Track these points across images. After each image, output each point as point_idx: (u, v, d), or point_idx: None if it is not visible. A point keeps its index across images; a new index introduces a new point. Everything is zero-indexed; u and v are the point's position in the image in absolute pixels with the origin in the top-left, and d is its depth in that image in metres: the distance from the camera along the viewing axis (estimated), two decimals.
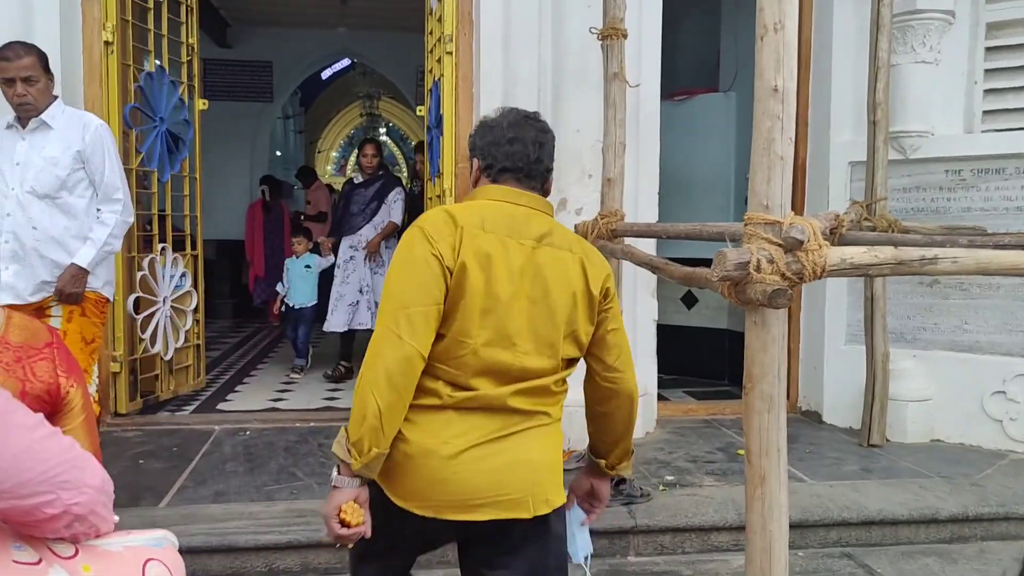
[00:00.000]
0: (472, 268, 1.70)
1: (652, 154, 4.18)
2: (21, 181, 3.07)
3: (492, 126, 1.90)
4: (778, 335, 2.02)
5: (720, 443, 4.16)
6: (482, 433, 1.73)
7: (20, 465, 0.76)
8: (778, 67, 1.95)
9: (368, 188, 5.88)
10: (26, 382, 1.15)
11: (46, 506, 0.80)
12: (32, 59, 3.02)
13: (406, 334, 1.65)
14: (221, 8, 8.90)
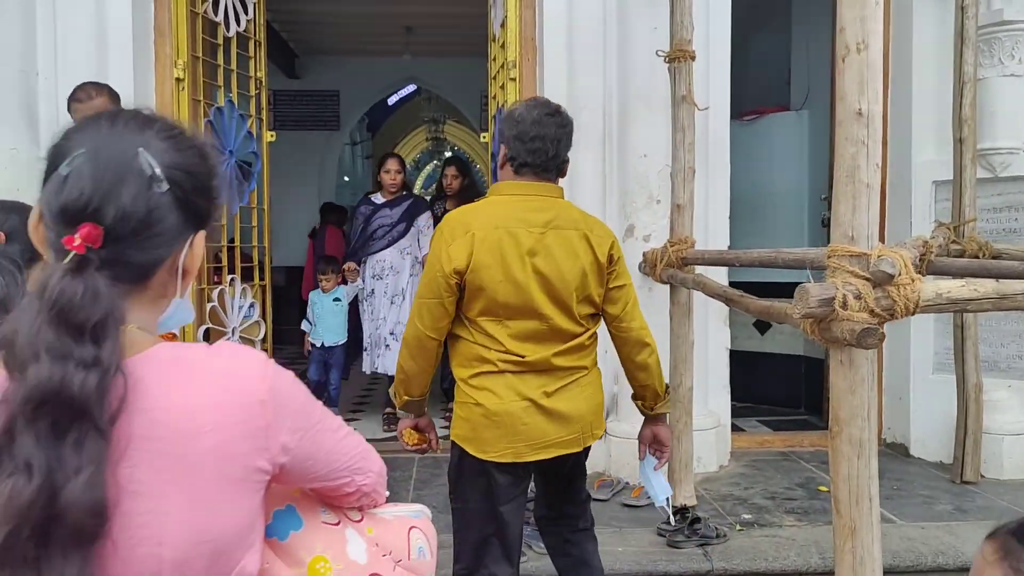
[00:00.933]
0: (488, 263, 2.07)
1: (722, 178, 4.05)
2: None
3: (518, 120, 2.19)
4: (867, 375, 1.88)
5: (799, 478, 3.96)
6: (537, 389, 2.15)
7: (329, 459, 1.01)
8: (862, 89, 1.83)
9: (393, 208, 5.25)
10: None
11: (345, 487, 1.06)
12: (103, 99, 3.03)
13: (417, 319, 2.14)
14: (290, 41, 9.08)
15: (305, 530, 1.06)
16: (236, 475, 0.88)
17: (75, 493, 0.76)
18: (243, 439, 0.88)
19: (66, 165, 0.85)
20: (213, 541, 0.86)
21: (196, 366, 0.89)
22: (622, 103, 3.89)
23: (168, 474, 0.83)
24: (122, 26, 3.85)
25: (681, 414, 3.48)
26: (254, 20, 4.80)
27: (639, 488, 3.70)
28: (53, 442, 0.77)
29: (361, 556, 1.10)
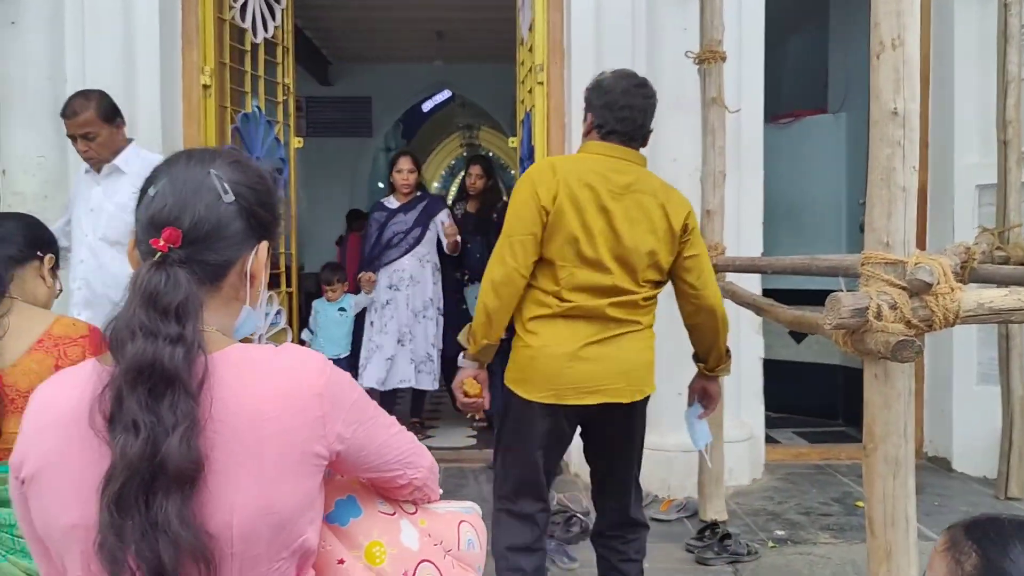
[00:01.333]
0: (567, 208, 2.17)
1: (755, 182, 3.94)
2: (94, 228, 3.03)
3: (608, 90, 2.30)
4: (903, 390, 1.78)
5: (836, 493, 3.83)
6: (587, 335, 2.22)
7: (381, 452, 1.12)
8: (898, 87, 1.73)
9: (407, 213, 4.83)
10: (59, 360, 1.59)
11: (398, 479, 1.18)
12: (89, 114, 2.93)
13: (508, 257, 2.18)
14: (323, 48, 9.12)
15: (363, 518, 1.18)
16: (295, 458, 1.00)
17: (173, 445, 0.92)
18: (301, 427, 1.00)
19: (152, 188, 1.06)
20: (276, 515, 0.98)
21: (263, 363, 1.03)
22: None
23: (237, 454, 0.97)
24: (149, 33, 3.85)
25: (711, 426, 3.37)
26: (282, 26, 4.80)
27: (668, 501, 3.61)
28: (152, 405, 0.93)
29: (414, 543, 1.21)
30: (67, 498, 0.96)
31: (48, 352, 1.62)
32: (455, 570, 1.24)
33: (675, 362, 3.71)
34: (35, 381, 1.50)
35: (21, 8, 3.59)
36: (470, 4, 7.40)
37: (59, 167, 3.72)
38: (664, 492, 3.73)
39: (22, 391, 1.56)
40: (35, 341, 1.63)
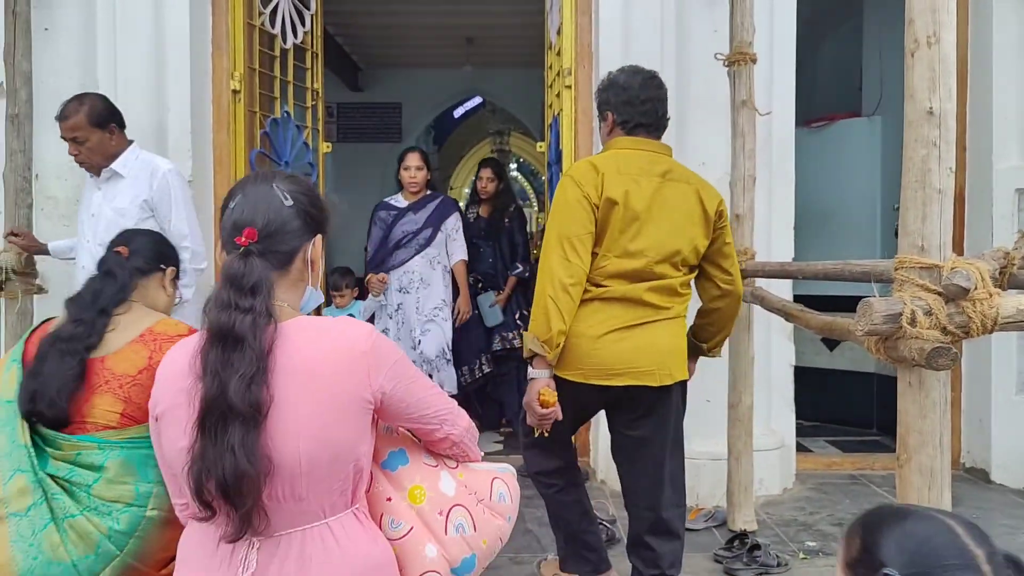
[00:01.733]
0: (613, 202, 2.29)
1: (786, 186, 3.87)
2: (94, 233, 2.99)
3: (626, 87, 2.45)
4: (939, 399, 1.72)
5: (870, 503, 3.71)
6: (621, 320, 2.32)
7: (420, 406, 1.41)
8: (933, 86, 1.68)
9: (417, 212, 4.58)
10: (153, 353, 1.81)
11: (435, 431, 1.46)
12: (79, 118, 2.92)
13: (572, 256, 2.27)
14: (353, 54, 9.18)
15: (410, 466, 1.48)
16: (346, 401, 1.31)
17: (237, 389, 1.23)
18: (351, 378, 1.32)
19: (232, 201, 1.42)
20: (333, 446, 1.29)
21: (323, 329, 1.36)
22: (679, 109, 3.75)
23: (302, 397, 1.28)
24: (180, 39, 3.88)
25: (740, 433, 3.32)
26: (311, 32, 4.82)
27: (696, 510, 3.55)
28: (225, 358, 1.25)
29: (450, 490, 1.49)
30: (181, 428, 1.29)
31: (146, 345, 1.85)
32: (485, 515, 1.51)
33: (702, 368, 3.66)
34: (129, 368, 1.80)
35: (55, 15, 3.64)
36: (500, 10, 7.41)
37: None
38: (692, 501, 3.66)
39: (116, 375, 1.80)
40: (137, 335, 1.86)
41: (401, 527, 1.42)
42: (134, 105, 3.80)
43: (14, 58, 3.34)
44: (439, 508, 1.45)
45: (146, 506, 1.73)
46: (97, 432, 1.75)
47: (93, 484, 1.72)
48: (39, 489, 1.70)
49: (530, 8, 6.26)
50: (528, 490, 2.27)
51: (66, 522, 1.70)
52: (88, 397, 1.78)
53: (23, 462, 1.72)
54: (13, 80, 3.32)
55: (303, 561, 1.28)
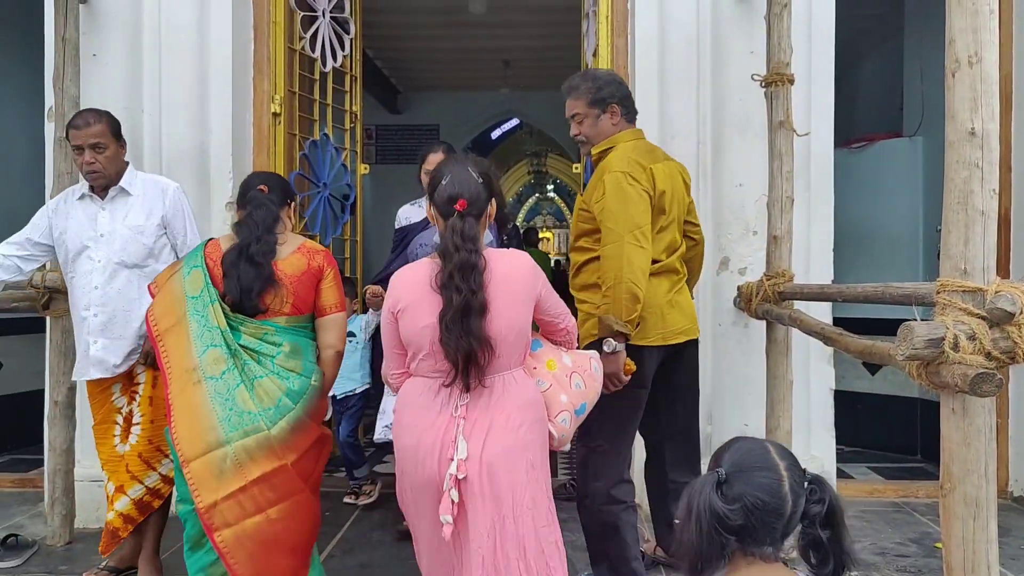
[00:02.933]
0: (659, 189, 2.70)
1: (825, 208, 3.81)
2: (108, 253, 2.95)
3: (620, 83, 2.91)
4: (984, 426, 1.67)
5: (913, 533, 3.64)
6: (669, 287, 2.80)
7: (554, 304, 2.22)
8: (975, 106, 1.65)
9: None
10: (309, 261, 2.62)
11: (557, 323, 2.26)
12: (102, 126, 2.94)
13: (644, 243, 2.61)
14: (392, 77, 9.30)
15: (544, 348, 2.28)
16: (524, 297, 2.11)
17: (472, 297, 1.99)
18: (526, 283, 2.12)
19: (444, 180, 2.12)
20: (518, 326, 2.08)
21: (506, 256, 2.14)
22: (716, 130, 3.74)
23: (500, 295, 2.05)
24: (223, 64, 3.96)
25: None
26: (350, 55, 4.91)
27: None
28: (464, 279, 1.99)
29: (569, 363, 2.28)
30: (422, 316, 2.06)
31: (303, 255, 2.62)
32: (587, 377, 2.28)
33: (738, 395, 3.62)
34: (295, 271, 2.56)
35: (103, 42, 3.74)
36: (537, 33, 7.46)
37: None
38: None
39: (288, 274, 2.56)
40: (296, 248, 2.63)
41: (543, 384, 2.19)
42: (177, 127, 3.89)
43: (63, 83, 3.43)
44: (565, 373, 2.25)
45: (311, 377, 2.49)
46: (274, 318, 2.52)
47: (276, 356, 2.45)
48: (231, 359, 2.38)
49: (567, 31, 6.29)
50: (562, 512, 2.26)
51: (255, 382, 2.38)
52: (268, 291, 2.52)
53: (216, 339, 2.39)
54: (62, 104, 3.41)
55: (495, 395, 2.06)
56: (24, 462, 4.81)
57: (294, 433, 2.39)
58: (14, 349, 5.24)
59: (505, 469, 1.99)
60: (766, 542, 1.42)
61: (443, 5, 6.79)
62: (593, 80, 2.87)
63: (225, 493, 2.27)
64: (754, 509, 1.40)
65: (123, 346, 2.97)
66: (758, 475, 1.42)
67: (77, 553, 3.36)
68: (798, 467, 1.47)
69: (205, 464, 2.29)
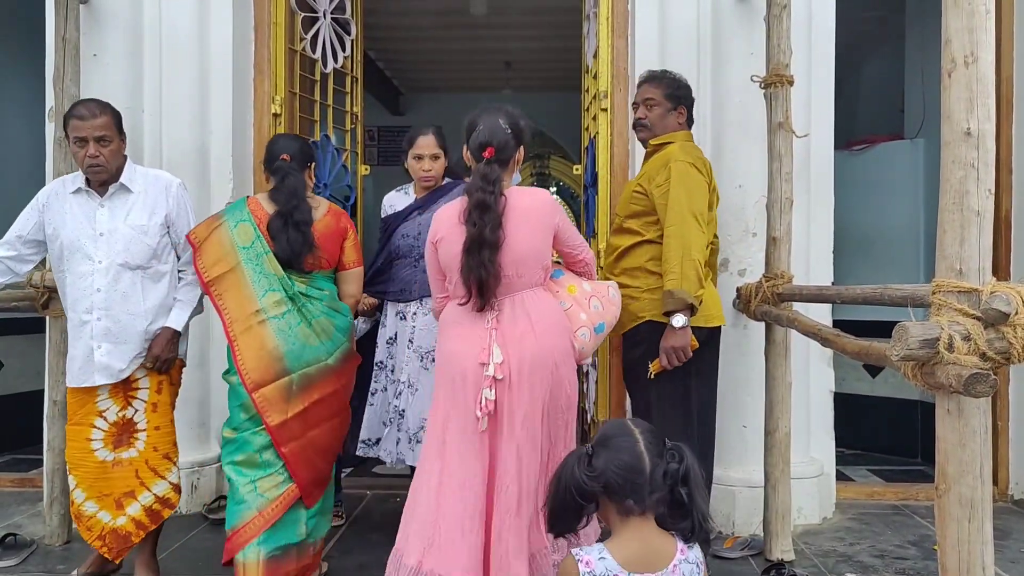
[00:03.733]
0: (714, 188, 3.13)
1: (825, 210, 3.81)
2: (109, 253, 2.83)
3: (691, 88, 3.28)
4: (979, 427, 1.67)
5: (913, 535, 3.63)
6: (707, 274, 3.04)
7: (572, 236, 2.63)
8: (971, 106, 1.65)
9: (424, 212, 3.40)
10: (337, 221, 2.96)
11: (576, 254, 2.67)
12: (107, 118, 2.82)
13: (704, 229, 2.95)
14: (394, 78, 9.31)
15: (565, 276, 2.66)
16: (543, 227, 2.49)
17: (488, 230, 2.37)
18: (544, 214, 2.50)
19: (477, 128, 2.48)
20: (536, 251, 2.47)
21: (526, 192, 2.54)
22: (716, 131, 3.73)
23: (521, 227, 2.44)
24: (223, 65, 3.97)
25: (777, 460, 3.25)
26: (351, 57, 4.91)
27: (732, 538, 3.48)
28: (480, 215, 2.38)
29: (588, 288, 2.64)
30: (454, 245, 2.44)
31: (332, 217, 2.96)
32: (605, 301, 2.64)
33: (737, 397, 3.61)
34: (325, 231, 2.89)
35: (103, 42, 3.74)
36: (538, 34, 7.46)
37: None
38: (728, 528, 3.61)
39: (320, 233, 2.87)
40: (326, 211, 2.96)
41: (565, 304, 2.57)
42: (177, 128, 3.90)
43: (63, 83, 3.43)
44: (584, 297, 2.61)
45: (348, 316, 2.94)
46: (316, 270, 2.87)
47: (323, 300, 2.84)
48: (290, 301, 2.75)
49: (568, 32, 6.30)
50: None
51: (313, 321, 2.78)
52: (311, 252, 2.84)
53: (275, 284, 2.75)
54: (62, 104, 3.41)
55: (522, 309, 2.45)
56: (24, 462, 4.82)
57: (345, 361, 2.86)
58: (14, 349, 5.25)
59: (533, 369, 2.39)
60: (631, 497, 1.69)
61: (444, 6, 6.79)
62: (674, 79, 3.20)
63: (293, 413, 2.69)
64: (618, 469, 1.69)
65: (129, 351, 2.86)
66: (618, 440, 1.74)
67: (75, 553, 3.35)
68: (657, 435, 1.77)
69: (275, 389, 2.67)
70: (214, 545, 3.43)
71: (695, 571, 1.71)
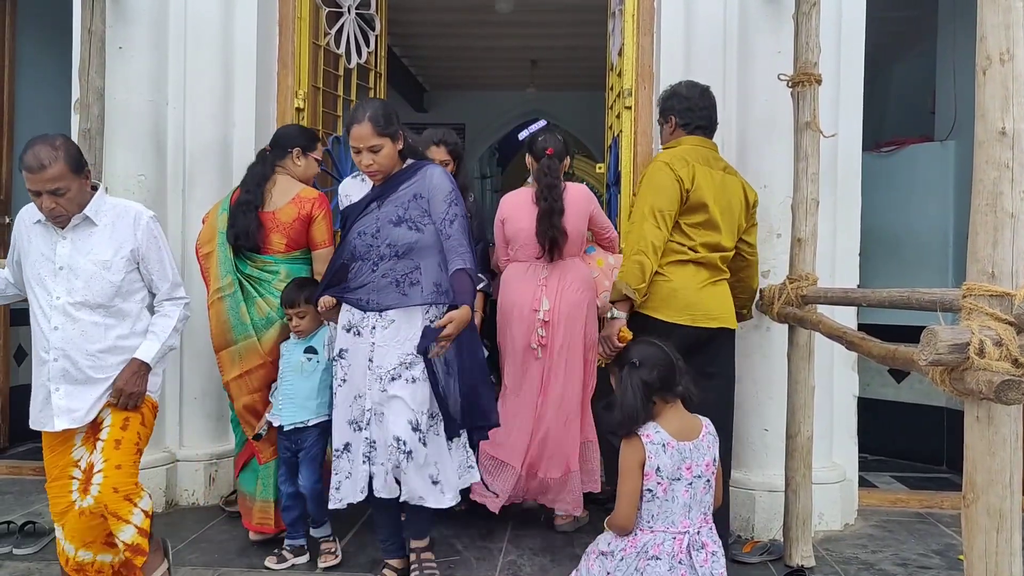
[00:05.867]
0: (701, 186, 3.06)
1: (852, 211, 3.74)
2: (69, 290, 2.55)
3: (687, 97, 3.24)
4: (1009, 435, 1.62)
5: (937, 544, 3.57)
6: (706, 278, 3.12)
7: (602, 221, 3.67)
8: (1006, 105, 1.60)
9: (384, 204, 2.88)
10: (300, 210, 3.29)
11: (605, 234, 3.72)
12: (59, 167, 2.45)
13: (661, 225, 3.01)
14: (419, 75, 9.31)
15: (596, 252, 3.70)
16: (581, 211, 3.54)
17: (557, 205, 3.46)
18: (583, 202, 3.57)
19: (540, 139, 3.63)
20: (577, 230, 3.52)
21: (572, 186, 3.58)
22: (741, 130, 3.68)
23: (571, 209, 3.50)
24: (247, 58, 3.98)
25: (799, 465, 3.20)
26: (376, 52, 4.90)
27: (752, 543, 3.43)
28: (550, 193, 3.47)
29: (612, 262, 3.59)
30: (519, 222, 3.52)
31: (295, 205, 3.29)
32: None
33: (759, 400, 3.56)
34: (286, 219, 3.28)
35: (129, 34, 3.75)
36: (563, 32, 7.42)
37: (157, 185, 3.85)
38: (747, 533, 3.56)
39: (282, 221, 3.28)
40: (290, 199, 3.30)
41: (595, 273, 3.55)
42: (201, 121, 3.92)
43: (88, 75, 3.44)
44: (608, 268, 3.55)
45: None
46: (274, 254, 3.28)
47: (272, 281, 3.26)
48: (236, 282, 3.24)
49: (593, 31, 6.25)
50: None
51: (254, 300, 3.26)
52: (267, 235, 3.27)
53: (229, 268, 3.25)
54: (87, 95, 3.43)
55: (563, 271, 3.47)
56: None
57: (273, 344, 3.25)
58: None
59: (570, 315, 3.45)
60: (672, 389, 2.30)
61: (470, 3, 6.77)
62: (662, 96, 3.35)
63: (234, 375, 3.27)
64: (662, 370, 2.28)
65: (89, 393, 2.58)
66: (655, 352, 2.32)
67: None
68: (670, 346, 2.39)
69: (227, 354, 3.27)
70: (231, 537, 3.44)
71: (714, 441, 2.34)
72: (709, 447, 2.30)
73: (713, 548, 2.26)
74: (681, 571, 2.19)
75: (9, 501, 3.95)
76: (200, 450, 3.96)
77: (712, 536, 2.28)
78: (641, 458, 2.21)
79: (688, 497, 2.23)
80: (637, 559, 2.21)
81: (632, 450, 2.22)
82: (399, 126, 2.84)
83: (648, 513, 2.23)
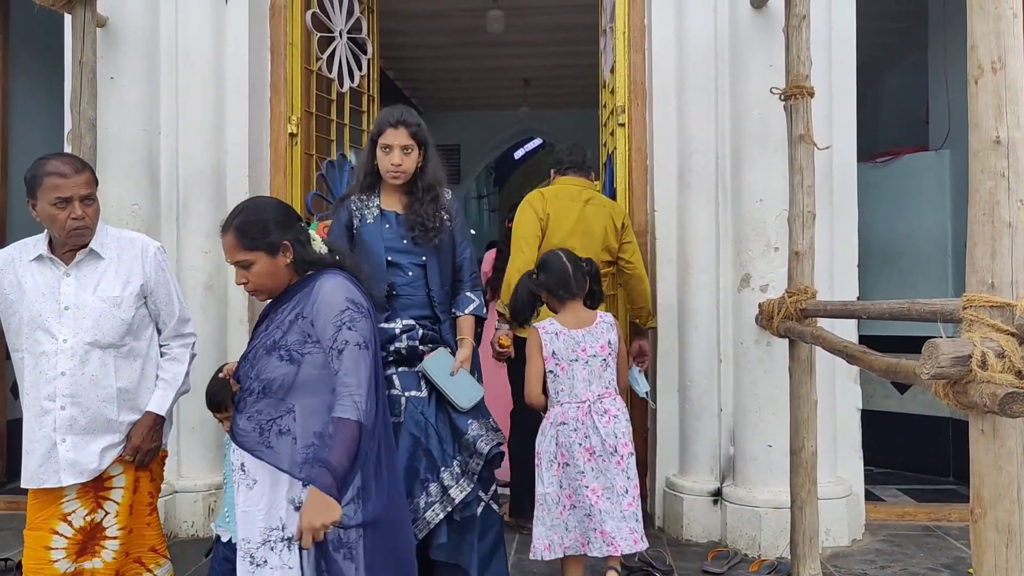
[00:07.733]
0: (556, 215, 3.61)
1: (849, 223, 3.72)
2: (76, 330, 2.35)
3: (559, 151, 4.00)
4: (1016, 448, 1.59)
5: (946, 558, 3.52)
6: None
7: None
8: (999, 114, 1.58)
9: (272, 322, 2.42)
10: None
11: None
12: (89, 174, 2.39)
13: (526, 249, 3.52)
14: (412, 97, 9.34)
15: None
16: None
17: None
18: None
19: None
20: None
21: None
22: (735, 145, 3.67)
23: None
24: (239, 85, 3.98)
25: (804, 481, 3.16)
26: (368, 75, 4.91)
27: (759, 561, 3.39)
28: None
29: None
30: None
31: None
32: None
33: (762, 415, 3.53)
34: None
35: (120, 64, 3.74)
36: (557, 51, 7.46)
37: (151, 214, 3.83)
38: (754, 551, 3.51)
39: None
40: None
41: None
42: (194, 149, 3.91)
43: (80, 106, 3.43)
44: None
45: None
46: None
47: None
48: None
49: (586, 49, 6.28)
50: None
51: None
52: None
53: None
54: (79, 126, 3.41)
55: None
56: None
57: None
58: None
59: None
60: (563, 289, 2.88)
61: (462, 25, 6.81)
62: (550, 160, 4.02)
63: None
64: (553, 274, 2.90)
65: (97, 443, 2.38)
66: (550, 260, 2.95)
67: None
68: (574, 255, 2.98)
69: None
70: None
71: (609, 328, 2.88)
72: (603, 333, 2.86)
73: (615, 413, 2.82)
74: (584, 431, 2.78)
75: (7, 537, 3.90)
76: (198, 480, 3.92)
77: (616, 404, 2.84)
78: (538, 343, 2.84)
79: (587, 373, 2.83)
80: (551, 428, 2.83)
81: (532, 339, 2.88)
82: (285, 234, 2.12)
83: (554, 390, 2.85)
